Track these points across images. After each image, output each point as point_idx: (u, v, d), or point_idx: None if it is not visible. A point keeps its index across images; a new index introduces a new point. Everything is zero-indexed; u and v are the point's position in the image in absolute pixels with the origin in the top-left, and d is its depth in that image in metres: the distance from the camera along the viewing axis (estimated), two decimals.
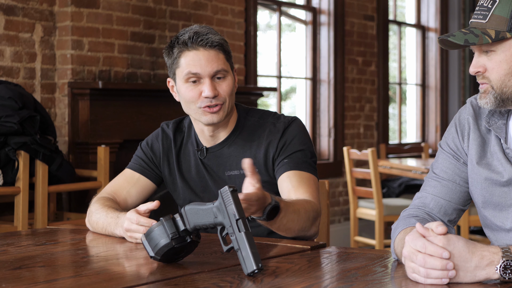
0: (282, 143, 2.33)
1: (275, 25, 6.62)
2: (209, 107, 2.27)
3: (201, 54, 2.27)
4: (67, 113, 4.62)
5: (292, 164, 2.30)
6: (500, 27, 1.78)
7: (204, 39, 2.27)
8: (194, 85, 2.28)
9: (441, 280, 1.55)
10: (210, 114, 2.28)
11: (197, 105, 2.28)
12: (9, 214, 4.29)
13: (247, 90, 5.62)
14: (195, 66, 2.26)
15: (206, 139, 2.39)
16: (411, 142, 8.19)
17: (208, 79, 2.27)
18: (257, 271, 1.64)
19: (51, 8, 4.59)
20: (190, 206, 1.78)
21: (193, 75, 2.26)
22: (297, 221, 2.09)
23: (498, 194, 1.88)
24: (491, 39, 1.78)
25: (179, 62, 2.28)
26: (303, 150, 2.33)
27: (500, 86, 1.82)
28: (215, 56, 2.28)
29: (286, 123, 2.36)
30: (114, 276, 1.72)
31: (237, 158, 2.35)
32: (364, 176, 5.59)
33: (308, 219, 2.14)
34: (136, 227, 2.06)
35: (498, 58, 1.81)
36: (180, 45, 2.28)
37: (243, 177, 2.33)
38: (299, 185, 2.26)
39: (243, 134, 2.38)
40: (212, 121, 2.29)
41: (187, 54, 2.27)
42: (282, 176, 2.30)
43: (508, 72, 1.81)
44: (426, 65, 8.34)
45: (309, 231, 2.17)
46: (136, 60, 4.98)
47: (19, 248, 2.05)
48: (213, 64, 2.27)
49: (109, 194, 2.39)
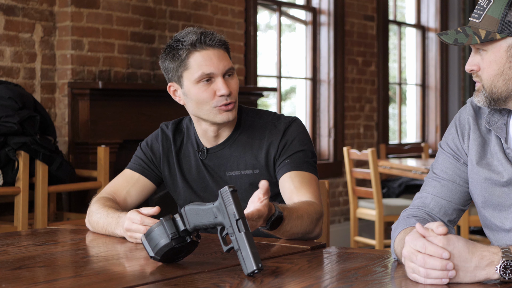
0: (283, 143, 2.34)
1: (275, 25, 6.62)
2: (225, 105, 2.27)
3: (211, 53, 2.27)
4: (67, 113, 4.62)
5: (294, 164, 2.30)
6: (491, 28, 1.78)
7: (212, 38, 2.28)
8: (207, 84, 2.28)
9: (441, 280, 1.55)
10: (225, 112, 2.28)
11: (211, 105, 2.28)
12: (9, 214, 4.29)
13: (247, 90, 5.62)
14: (208, 66, 2.26)
15: (208, 140, 2.39)
16: (411, 142, 8.19)
17: (221, 77, 2.28)
18: (257, 271, 1.65)
19: (51, 8, 4.59)
20: (190, 206, 1.78)
21: (206, 75, 2.26)
22: (300, 226, 2.10)
23: (498, 194, 1.88)
24: (480, 40, 1.79)
25: (189, 64, 2.27)
26: (304, 150, 2.34)
27: (490, 86, 1.82)
28: (223, 54, 2.31)
29: (286, 123, 2.37)
30: (114, 276, 1.72)
31: (238, 158, 2.36)
32: (364, 176, 5.59)
33: (312, 222, 2.15)
34: (136, 226, 2.06)
35: (489, 58, 1.81)
36: (187, 47, 2.26)
37: (244, 177, 2.35)
38: (301, 186, 2.26)
39: (244, 135, 2.38)
40: (228, 118, 2.29)
41: (197, 55, 2.27)
42: (283, 176, 2.30)
43: (497, 73, 1.81)
44: (426, 65, 8.34)
45: (313, 233, 2.19)
46: (136, 60, 4.98)
47: (19, 248, 2.05)
48: (224, 62, 2.29)
49: (109, 194, 2.39)
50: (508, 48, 1.79)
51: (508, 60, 1.80)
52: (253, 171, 2.35)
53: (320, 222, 2.21)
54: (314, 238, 2.22)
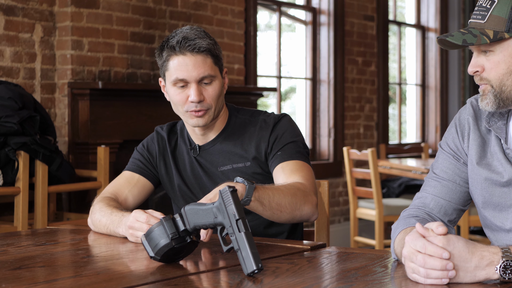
0: (273, 137, 2.38)
1: (275, 25, 6.62)
2: (194, 112, 2.32)
3: (188, 59, 2.30)
4: (67, 113, 4.62)
5: (286, 155, 2.34)
6: (499, 27, 1.79)
7: (191, 44, 2.29)
8: (181, 89, 2.32)
9: (441, 280, 1.55)
10: (195, 118, 2.33)
11: (184, 109, 2.33)
12: (9, 214, 4.29)
13: (247, 90, 5.62)
14: (182, 72, 2.30)
15: (198, 138, 2.45)
16: (411, 142, 8.19)
17: (194, 84, 2.31)
18: (257, 271, 1.65)
19: (51, 8, 4.59)
20: (190, 206, 1.79)
21: (180, 80, 2.31)
22: (283, 197, 2.10)
23: (498, 195, 1.88)
24: (489, 40, 1.79)
25: (168, 66, 2.32)
26: (295, 141, 2.38)
27: (499, 85, 1.82)
28: (202, 61, 2.30)
29: (276, 118, 2.42)
30: (114, 276, 1.72)
31: (229, 153, 2.41)
32: (364, 176, 5.59)
33: (295, 194, 2.14)
34: (139, 225, 2.07)
35: (497, 58, 1.81)
36: (169, 49, 2.31)
37: (236, 170, 2.38)
38: (291, 173, 2.29)
39: (234, 131, 2.43)
40: (198, 124, 2.35)
41: (174, 58, 2.31)
42: (276, 168, 2.34)
43: (507, 72, 1.81)
44: (426, 65, 8.34)
45: (303, 208, 2.17)
46: (136, 60, 4.98)
47: (19, 248, 2.05)
48: (200, 69, 2.30)
49: (112, 194, 2.41)
50: None
51: None
52: (244, 164, 2.38)
53: (309, 199, 2.19)
54: (309, 218, 2.21)
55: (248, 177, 2.24)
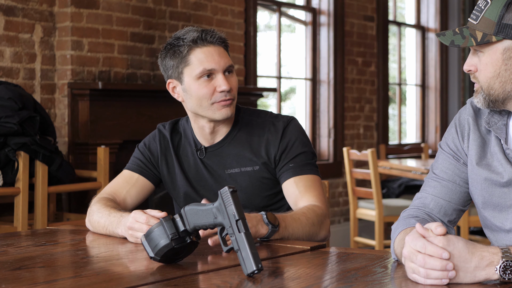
0: (283, 144, 2.36)
1: (274, 26, 6.62)
2: (224, 101, 2.30)
3: (212, 49, 2.31)
4: (67, 114, 4.62)
5: (297, 168, 2.34)
6: (488, 30, 1.78)
7: (213, 35, 2.32)
8: (207, 80, 2.30)
9: (441, 281, 1.55)
10: (224, 108, 2.31)
11: (210, 101, 2.31)
12: (9, 215, 4.29)
13: (247, 90, 5.62)
14: (209, 62, 2.29)
15: (205, 138, 2.41)
16: (411, 142, 8.19)
17: (221, 74, 2.31)
18: (257, 271, 1.65)
19: (51, 9, 4.59)
20: (190, 206, 1.78)
21: (208, 71, 2.29)
22: (301, 228, 2.14)
23: (498, 195, 1.88)
24: (476, 42, 1.79)
25: (190, 60, 2.30)
26: (305, 152, 2.37)
27: (487, 88, 1.83)
28: (223, 52, 2.34)
29: (285, 122, 2.40)
30: (114, 276, 1.72)
31: (237, 156, 2.39)
32: (364, 177, 5.59)
33: (313, 224, 2.19)
34: (139, 225, 2.06)
35: (485, 60, 1.81)
36: (189, 43, 2.30)
37: (244, 174, 2.37)
38: (305, 191, 2.31)
39: (242, 132, 2.41)
40: (227, 115, 2.32)
41: (198, 51, 2.30)
42: (288, 181, 2.34)
43: (494, 75, 1.81)
44: (426, 65, 8.34)
45: (318, 235, 2.22)
46: (136, 61, 4.98)
47: (19, 249, 2.05)
48: (225, 58, 2.33)
49: (109, 195, 2.40)
50: (504, 50, 1.79)
51: (504, 63, 1.80)
52: (253, 168, 2.37)
53: (324, 224, 2.24)
54: (322, 240, 2.24)
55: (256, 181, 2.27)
